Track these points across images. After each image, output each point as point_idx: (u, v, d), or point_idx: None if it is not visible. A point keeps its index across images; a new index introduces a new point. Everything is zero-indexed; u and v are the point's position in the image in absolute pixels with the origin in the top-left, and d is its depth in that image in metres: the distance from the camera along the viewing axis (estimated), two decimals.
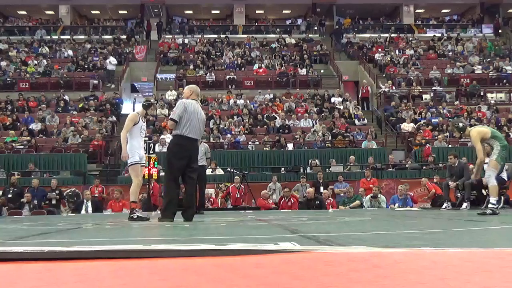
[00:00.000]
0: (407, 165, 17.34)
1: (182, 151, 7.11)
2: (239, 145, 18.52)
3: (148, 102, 8.24)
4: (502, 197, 11.73)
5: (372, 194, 14.03)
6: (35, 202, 13.94)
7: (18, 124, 20.26)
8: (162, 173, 11.68)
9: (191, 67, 25.74)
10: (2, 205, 13.63)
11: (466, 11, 35.47)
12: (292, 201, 13.95)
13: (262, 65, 25.99)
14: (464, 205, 11.53)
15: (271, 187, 15.02)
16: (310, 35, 31.03)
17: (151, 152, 12.19)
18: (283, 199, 14.09)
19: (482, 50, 27.91)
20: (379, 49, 27.99)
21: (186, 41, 29.93)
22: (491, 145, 8.06)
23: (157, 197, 13.19)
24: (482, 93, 23.73)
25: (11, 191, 14.15)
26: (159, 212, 7.99)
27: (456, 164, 12.42)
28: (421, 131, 19.54)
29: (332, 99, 23.09)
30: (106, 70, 25.37)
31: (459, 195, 12.32)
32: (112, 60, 25.66)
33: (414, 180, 16.05)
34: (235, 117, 20.71)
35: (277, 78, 25.20)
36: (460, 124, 8.50)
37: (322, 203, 13.74)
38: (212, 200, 14.58)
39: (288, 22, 35.43)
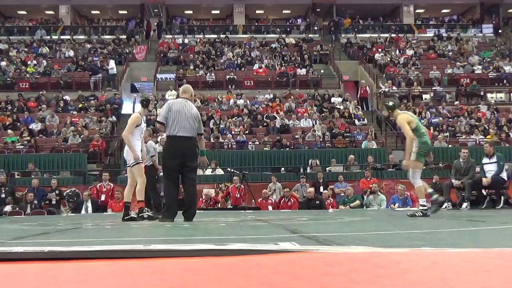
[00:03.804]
0: None
1: (174, 150, 7.14)
2: (240, 145, 18.52)
3: (146, 99, 8.20)
4: (502, 197, 11.75)
5: (371, 190, 14.06)
6: (35, 202, 13.95)
7: (18, 124, 20.25)
8: (161, 173, 11.68)
9: (191, 67, 25.74)
10: (7, 203, 13.64)
11: (466, 11, 35.48)
12: (292, 201, 13.95)
13: (262, 65, 25.99)
14: (464, 205, 11.53)
15: (271, 187, 15.01)
16: (310, 35, 31.04)
17: None
18: (283, 199, 14.09)
19: (462, 54, 27.72)
20: (379, 49, 27.99)
21: (186, 41, 29.93)
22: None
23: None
24: (482, 93, 23.73)
25: (3, 191, 14.14)
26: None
27: (465, 160, 12.38)
28: None
29: (332, 99, 23.09)
30: (107, 73, 25.25)
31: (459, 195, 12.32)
32: (111, 64, 25.45)
33: None
34: (235, 117, 20.72)
35: (277, 78, 25.19)
36: (390, 103, 8.17)
37: (322, 203, 13.74)
38: (213, 199, 14.59)
39: (288, 22, 35.42)
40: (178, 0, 33.69)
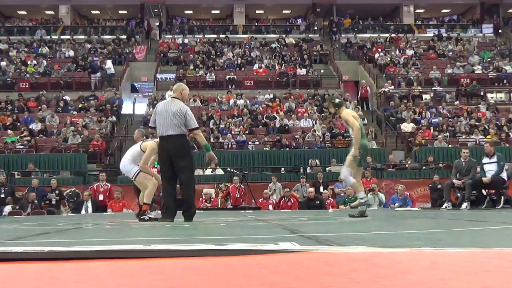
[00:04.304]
0: (407, 165, 17.35)
1: (162, 151, 7.16)
2: (240, 145, 18.52)
3: None
4: (502, 197, 11.74)
5: (370, 188, 14.06)
6: (36, 201, 13.94)
7: (18, 124, 20.26)
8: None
9: (191, 67, 25.74)
10: (7, 203, 13.64)
11: (466, 11, 35.48)
12: (292, 201, 13.95)
13: (262, 65, 25.99)
14: (464, 205, 11.53)
15: (271, 187, 15.02)
16: (310, 35, 31.04)
17: None
18: (283, 199, 14.09)
19: (462, 56, 27.62)
20: (379, 49, 27.98)
21: (186, 41, 29.93)
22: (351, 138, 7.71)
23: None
24: (482, 93, 23.73)
25: (3, 191, 14.14)
26: (159, 212, 7.99)
27: (467, 160, 12.37)
28: (421, 131, 19.54)
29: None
30: (105, 73, 25.24)
31: (459, 195, 12.31)
32: (108, 63, 25.43)
33: (414, 180, 16.08)
34: (235, 117, 20.71)
35: (277, 78, 25.20)
36: (337, 100, 8.20)
37: (322, 203, 13.74)
38: (213, 200, 14.60)
39: (288, 22, 35.43)
40: (178, 0, 33.69)
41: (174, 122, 6.99)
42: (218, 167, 16.60)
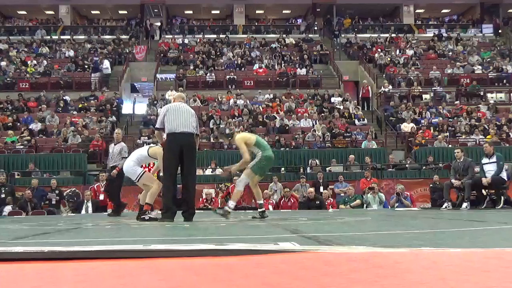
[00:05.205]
0: (407, 165, 17.35)
1: (172, 146, 7.15)
2: None
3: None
4: (502, 197, 11.74)
5: (369, 187, 14.07)
6: (33, 199, 13.93)
7: (18, 124, 20.26)
8: (161, 173, 11.70)
9: (191, 67, 25.74)
10: (7, 203, 13.64)
11: (466, 11, 35.50)
12: (292, 201, 13.95)
13: (262, 65, 25.99)
14: (464, 205, 11.52)
15: (272, 187, 15.01)
16: (310, 35, 31.05)
17: None
18: (283, 199, 14.08)
19: (462, 56, 27.53)
20: (379, 49, 27.98)
21: (186, 41, 29.94)
22: (254, 153, 7.79)
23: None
24: (482, 93, 23.73)
25: (3, 191, 14.13)
26: (159, 212, 7.99)
27: (462, 160, 12.36)
28: (421, 130, 19.54)
29: (332, 99, 23.08)
30: (102, 73, 25.23)
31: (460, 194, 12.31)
32: (106, 63, 25.44)
33: (414, 180, 16.08)
34: (235, 117, 20.70)
35: (277, 78, 25.20)
36: (227, 130, 8.52)
37: (322, 203, 13.74)
38: (213, 200, 14.59)
39: (288, 22, 35.43)
40: (178, 0, 33.70)
41: (192, 122, 7.19)
42: (218, 167, 16.59)
